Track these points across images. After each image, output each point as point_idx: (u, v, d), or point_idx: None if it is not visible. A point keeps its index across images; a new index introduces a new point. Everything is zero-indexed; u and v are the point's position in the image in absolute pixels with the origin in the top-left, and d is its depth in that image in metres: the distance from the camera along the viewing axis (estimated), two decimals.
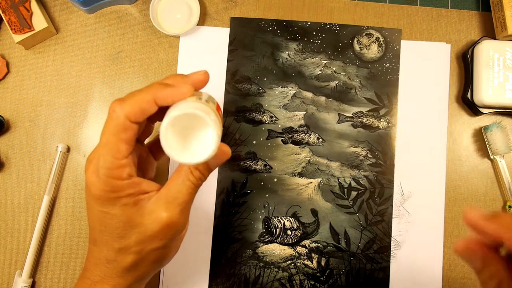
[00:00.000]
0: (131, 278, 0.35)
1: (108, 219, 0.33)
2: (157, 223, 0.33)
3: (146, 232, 0.33)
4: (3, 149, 0.53)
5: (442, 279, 0.53)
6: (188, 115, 0.30)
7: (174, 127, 0.31)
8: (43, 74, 0.55)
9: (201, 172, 0.34)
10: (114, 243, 0.34)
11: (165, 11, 0.55)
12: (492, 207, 0.54)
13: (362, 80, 0.55)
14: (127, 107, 0.31)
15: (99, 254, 0.34)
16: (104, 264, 0.34)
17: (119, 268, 0.34)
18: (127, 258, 0.34)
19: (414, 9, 0.57)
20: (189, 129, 0.32)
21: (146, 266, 0.35)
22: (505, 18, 0.52)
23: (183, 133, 0.31)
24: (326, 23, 0.56)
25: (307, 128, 0.54)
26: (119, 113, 0.31)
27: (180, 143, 0.31)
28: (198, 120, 0.30)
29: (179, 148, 0.31)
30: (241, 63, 0.55)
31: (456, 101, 0.56)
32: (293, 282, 0.52)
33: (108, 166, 0.31)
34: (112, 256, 0.34)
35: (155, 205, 0.33)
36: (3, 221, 0.53)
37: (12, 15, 0.51)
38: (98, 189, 0.32)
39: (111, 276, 0.34)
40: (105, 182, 0.32)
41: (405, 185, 0.54)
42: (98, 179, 0.32)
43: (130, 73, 0.55)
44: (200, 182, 0.34)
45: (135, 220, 0.33)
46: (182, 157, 0.30)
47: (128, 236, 0.33)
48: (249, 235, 0.53)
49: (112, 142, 0.31)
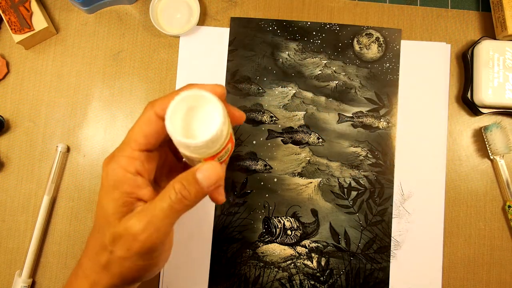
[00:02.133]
0: (106, 279, 0.33)
1: (99, 208, 0.33)
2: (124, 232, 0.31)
3: (116, 236, 0.31)
4: (3, 149, 0.53)
5: (442, 279, 0.53)
6: (195, 96, 0.29)
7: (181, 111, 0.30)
8: (43, 74, 0.55)
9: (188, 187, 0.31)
10: (98, 237, 0.33)
11: (165, 11, 0.55)
12: (492, 207, 0.54)
13: (362, 80, 0.55)
14: (157, 102, 0.32)
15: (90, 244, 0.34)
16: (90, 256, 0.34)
17: (98, 264, 0.33)
18: (103, 255, 0.33)
19: (414, 9, 0.57)
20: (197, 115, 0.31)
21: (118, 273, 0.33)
22: (505, 18, 0.52)
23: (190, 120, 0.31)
24: (326, 23, 0.56)
25: (307, 128, 0.54)
26: (149, 109, 0.32)
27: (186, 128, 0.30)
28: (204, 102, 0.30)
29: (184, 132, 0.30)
30: (241, 63, 0.55)
31: (456, 101, 0.56)
32: (293, 282, 0.52)
33: (119, 153, 0.32)
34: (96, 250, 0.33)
35: (136, 214, 0.31)
36: (3, 221, 0.53)
37: (12, 15, 0.51)
38: (104, 171, 0.32)
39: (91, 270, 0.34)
40: (112, 167, 0.32)
41: (405, 185, 0.54)
42: (108, 161, 0.32)
43: (130, 73, 0.55)
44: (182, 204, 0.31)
45: (114, 220, 0.32)
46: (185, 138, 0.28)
47: (105, 233, 0.32)
48: (249, 235, 0.53)
49: (133, 132, 0.32)
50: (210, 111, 0.30)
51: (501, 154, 0.53)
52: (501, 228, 0.54)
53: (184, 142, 0.28)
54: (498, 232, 0.54)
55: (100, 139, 0.54)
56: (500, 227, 0.54)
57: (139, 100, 0.55)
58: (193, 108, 0.30)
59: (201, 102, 0.30)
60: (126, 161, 0.32)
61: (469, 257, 0.53)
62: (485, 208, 0.54)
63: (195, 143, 0.28)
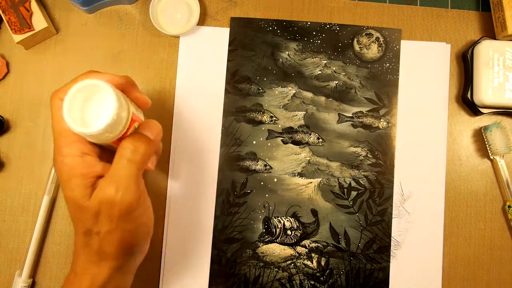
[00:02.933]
0: (108, 266, 0.34)
1: (69, 205, 0.33)
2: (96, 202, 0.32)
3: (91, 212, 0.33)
4: (3, 149, 0.53)
5: (442, 279, 0.53)
6: (90, 86, 0.31)
7: (78, 102, 0.32)
8: (43, 74, 0.55)
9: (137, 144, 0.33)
10: (78, 227, 0.34)
11: (165, 11, 0.55)
12: (492, 207, 0.54)
13: (362, 80, 0.55)
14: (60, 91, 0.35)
15: (76, 242, 0.35)
16: (81, 251, 0.34)
17: (92, 253, 0.34)
18: (92, 241, 0.33)
19: (414, 9, 0.57)
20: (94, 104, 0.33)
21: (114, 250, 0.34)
22: (505, 18, 0.52)
23: (87, 110, 0.33)
24: (326, 23, 0.56)
25: (307, 128, 0.54)
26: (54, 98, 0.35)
27: (84, 118, 0.32)
28: (98, 90, 0.32)
29: (82, 122, 0.32)
30: (241, 63, 0.55)
31: (456, 101, 0.56)
32: (293, 282, 0.52)
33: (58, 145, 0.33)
34: (82, 241, 0.34)
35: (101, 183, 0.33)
36: (3, 221, 0.53)
37: (12, 15, 0.51)
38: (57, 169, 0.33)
39: (88, 264, 0.34)
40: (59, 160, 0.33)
41: (405, 185, 0.54)
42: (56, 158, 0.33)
43: (130, 73, 0.55)
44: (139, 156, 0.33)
45: (84, 202, 0.33)
46: (82, 127, 0.30)
47: (84, 220, 0.33)
48: (249, 235, 0.53)
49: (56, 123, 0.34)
50: (105, 99, 0.32)
51: (501, 154, 0.53)
52: (501, 228, 0.54)
53: (81, 131, 0.30)
54: (498, 232, 0.54)
55: None
56: (500, 227, 0.54)
57: None
58: (89, 97, 0.32)
59: (96, 90, 0.32)
60: (67, 149, 0.33)
61: (469, 257, 0.53)
62: (485, 208, 0.54)
63: (90, 132, 0.30)
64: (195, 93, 0.54)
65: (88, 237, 0.33)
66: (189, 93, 0.54)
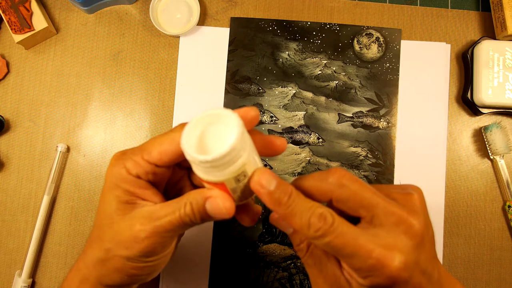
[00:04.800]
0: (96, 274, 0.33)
1: (101, 203, 0.33)
2: (126, 231, 0.31)
3: (116, 234, 0.32)
4: (3, 149, 0.53)
5: None
6: (212, 115, 0.29)
7: (198, 129, 0.29)
8: (43, 74, 0.55)
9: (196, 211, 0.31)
10: (95, 232, 0.33)
11: (165, 11, 0.55)
12: (492, 207, 0.54)
13: (362, 80, 0.55)
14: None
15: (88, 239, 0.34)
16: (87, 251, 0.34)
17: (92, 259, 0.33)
18: (99, 251, 0.33)
19: (414, 9, 0.57)
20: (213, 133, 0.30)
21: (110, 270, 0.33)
22: (505, 18, 0.52)
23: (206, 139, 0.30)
24: (326, 23, 0.56)
25: (307, 128, 0.54)
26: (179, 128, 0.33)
27: (202, 147, 0.29)
28: (221, 120, 0.29)
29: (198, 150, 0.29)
30: (241, 63, 0.55)
31: (456, 101, 0.56)
32: (293, 282, 0.52)
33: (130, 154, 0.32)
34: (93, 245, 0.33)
35: (139, 215, 0.31)
36: (3, 221, 0.53)
37: (12, 15, 0.51)
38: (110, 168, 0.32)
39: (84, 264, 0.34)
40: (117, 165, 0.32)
41: None
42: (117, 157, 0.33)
43: (130, 73, 0.55)
44: (187, 220, 0.31)
45: (115, 217, 0.32)
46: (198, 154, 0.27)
47: (105, 230, 0.32)
48: (249, 235, 0.53)
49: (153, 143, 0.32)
50: (227, 129, 0.28)
51: (501, 154, 0.53)
52: (501, 228, 0.54)
53: (193, 156, 0.27)
54: (498, 232, 0.54)
55: (100, 139, 0.54)
56: (500, 227, 0.54)
57: (139, 100, 0.55)
58: (211, 126, 0.29)
59: (219, 119, 0.29)
60: (132, 164, 0.32)
61: (469, 257, 0.53)
62: (485, 208, 0.54)
63: (203, 158, 0.27)
64: (195, 93, 0.54)
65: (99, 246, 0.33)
66: (189, 93, 0.54)
